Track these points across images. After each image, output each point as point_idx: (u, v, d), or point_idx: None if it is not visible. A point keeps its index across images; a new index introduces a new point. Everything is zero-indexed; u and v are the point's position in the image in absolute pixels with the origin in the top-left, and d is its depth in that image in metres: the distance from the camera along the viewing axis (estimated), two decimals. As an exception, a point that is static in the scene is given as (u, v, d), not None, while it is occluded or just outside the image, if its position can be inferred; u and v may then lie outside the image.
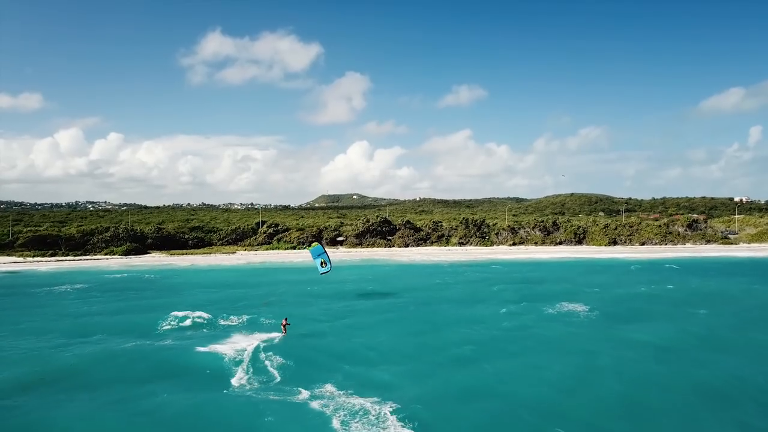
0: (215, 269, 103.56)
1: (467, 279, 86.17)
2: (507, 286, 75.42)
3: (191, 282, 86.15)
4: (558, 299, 63.17)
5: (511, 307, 59.28)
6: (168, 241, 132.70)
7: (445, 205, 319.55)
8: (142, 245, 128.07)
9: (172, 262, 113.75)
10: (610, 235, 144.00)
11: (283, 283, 79.97)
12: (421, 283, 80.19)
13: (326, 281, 78.10)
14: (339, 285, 77.42)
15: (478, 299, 64.62)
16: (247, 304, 62.22)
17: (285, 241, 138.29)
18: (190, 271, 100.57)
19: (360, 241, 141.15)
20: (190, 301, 63.35)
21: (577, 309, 58.11)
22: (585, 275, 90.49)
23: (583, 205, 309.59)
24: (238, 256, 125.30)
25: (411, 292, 69.67)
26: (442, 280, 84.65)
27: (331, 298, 66.37)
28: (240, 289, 76.73)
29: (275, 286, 78.10)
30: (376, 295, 69.02)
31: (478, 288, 74.42)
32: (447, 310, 57.20)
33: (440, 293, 69.30)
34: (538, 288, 73.71)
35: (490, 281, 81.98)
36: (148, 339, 45.06)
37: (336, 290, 73.17)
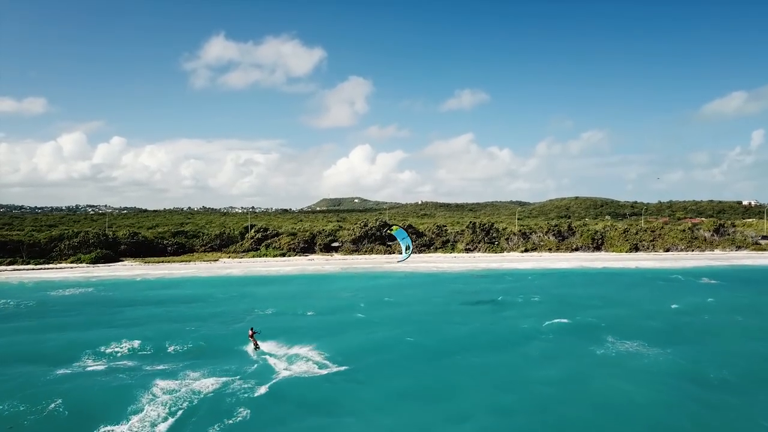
0: (187, 281, 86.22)
1: (481, 297, 68.83)
2: (533, 310, 58.42)
3: (151, 298, 71.18)
4: (605, 331, 47.19)
5: (549, 345, 42.59)
6: (144, 248, 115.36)
7: (448, 209, 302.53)
8: (114, 252, 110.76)
9: (143, 272, 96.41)
10: (630, 241, 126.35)
11: (258, 300, 62.36)
12: (426, 306, 62.82)
13: (310, 301, 61.52)
14: (322, 309, 60.57)
15: (504, 336, 47.60)
16: (203, 333, 47.44)
17: (274, 247, 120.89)
18: (157, 283, 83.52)
19: (357, 247, 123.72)
20: (136, 324, 53.44)
21: (638, 349, 41.57)
22: (622, 290, 73.68)
23: (588, 209, 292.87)
24: (220, 264, 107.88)
25: (414, 324, 52.39)
26: (452, 300, 67.13)
27: (303, 334, 48.37)
28: (206, 307, 60.97)
29: (244, 305, 60.83)
30: (366, 328, 51.73)
31: (499, 314, 57.35)
32: (467, 363, 39.50)
33: (453, 327, 51.81)
34: (572, 312, 56.64)
35: (511, 302, 64.76)
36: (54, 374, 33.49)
37: (312, 323, 56.35)
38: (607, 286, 77.79)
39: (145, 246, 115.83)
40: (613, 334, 46.47)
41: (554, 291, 73.50)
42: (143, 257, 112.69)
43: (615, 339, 45.01)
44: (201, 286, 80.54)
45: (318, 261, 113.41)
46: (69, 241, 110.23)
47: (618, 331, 47.78)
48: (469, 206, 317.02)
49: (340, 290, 74.94)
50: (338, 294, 71.33)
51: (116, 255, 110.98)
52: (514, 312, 57.63)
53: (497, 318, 55.34)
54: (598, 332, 47.53)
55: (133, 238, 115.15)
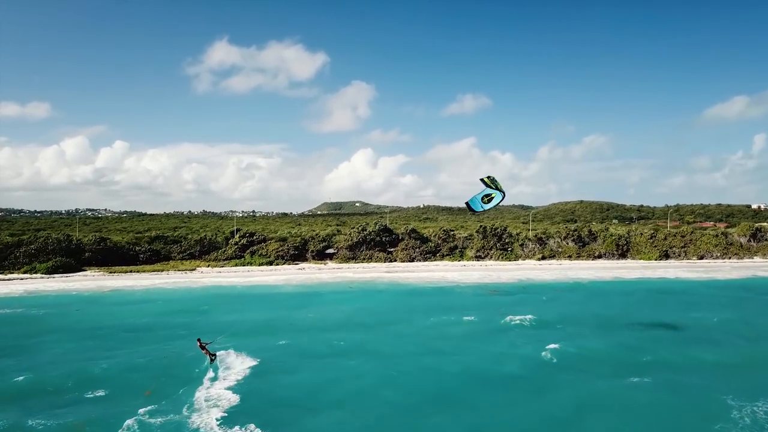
0: (146, 297, 68.91)
1: (506, 323, 51.65)
2: (583, 352, 41.38)
3: (84, 322, 53.24)
4: (719, 389, 29.52)
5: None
6: (113, 255, 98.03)
7: (450, 213, 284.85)
8: (76, 260, 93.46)
9: (99, 284, 79.22)
10: (659, 247, 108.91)
11: (204, 331, 44.85)
12: (438, 342, 45.51)
13: (269, 338, 44.63)
14: (298, 343, 43.30)
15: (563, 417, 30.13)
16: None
17: (260, 254, 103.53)
18: (106, 299, 66.49)
19: (354, 254, 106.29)
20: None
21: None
22: (687, 311, 56.51)
23: (593, 213, 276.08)
24: (197, 274, 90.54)
25: (423, 382, 34.88)
26: (470, 330, 49.92)
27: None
28: (136, 343, 43.05)
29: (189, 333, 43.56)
30: (359, 376, 34.62)
31: (539, 357, 40.04)
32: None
33: (485, 394, 34.39)
34: (651, 354, 39.57)
35: (549, 333, 47.38)
36: None
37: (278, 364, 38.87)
38: (665, 306, 60.78)
39: (114, 253, 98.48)
40: (734, 395, 29.34)
41: (600, 312, 56.43)
42: (111, 266, 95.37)
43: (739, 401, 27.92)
44: (159, 304, 63.37)
45: (309, 270, 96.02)
46: (26, 247, 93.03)
47: (737, 387, 30.61)
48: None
49: (321, 317, 57.56)
50: (318, 323, 53.82)
51: (79, 263, 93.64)
52: (569, 362, 40.15)
53: (542, 359, 37.99)
54: (711, 392, 30.35)
55: (99, 245, 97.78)
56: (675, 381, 34.10)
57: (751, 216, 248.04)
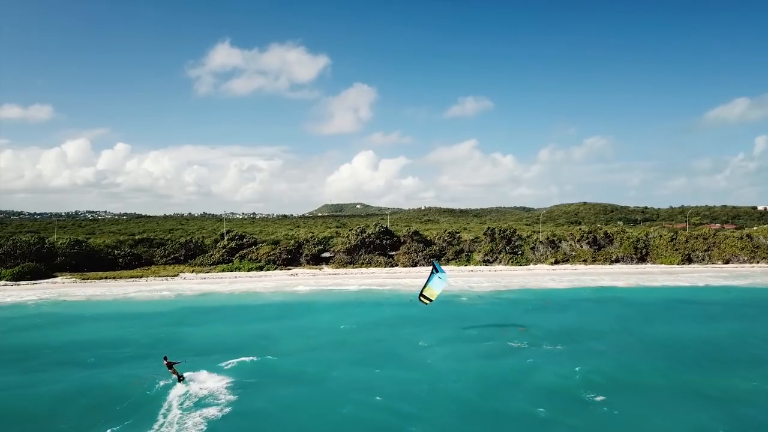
0: (116, 309, 58.68)
1: (530, 345, 41.32)
2: (629, 378, 31.29)
3: (30, 341, 42.84)
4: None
5: None
6: (89, 260, 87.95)
7: (452, 215, 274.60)
8: (47, 265, 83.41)
9: (67, 293, 69.11)
10: (681, 250, 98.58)
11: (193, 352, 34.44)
12: (454, 383, 34.63)
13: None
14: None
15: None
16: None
17: (250, 258, 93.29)
18: (62, 315, 56.01)
19: (352, 258, 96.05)
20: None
21: None
22: (745, 323, 46.16)
23: (597, 214, 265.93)
24: (177, 282, 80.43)
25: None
26: (488, 355, 39.67)
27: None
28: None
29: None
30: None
31: (575, 389, 29.74)
32: None
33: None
34: (705, 388, 29.45)
35: (583, 354, 37.12)
36: None
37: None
38: (709, 319, 50.29)
39: (91, 258, 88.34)
40: None
41: (633, 327, 46.26)
42: (86, 271, 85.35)
43: None
44: (119, 318, 53.27)
45: (302, 276, 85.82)
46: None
47: None
48: (473, 212, 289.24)
49: (308, 336, 47.38)
50: (304, 345, 43.66)
51: (50, 269, 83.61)
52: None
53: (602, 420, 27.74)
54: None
55: (74, 248, 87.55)
56: (753, 418, 24.44)
57: (758, 218, 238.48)
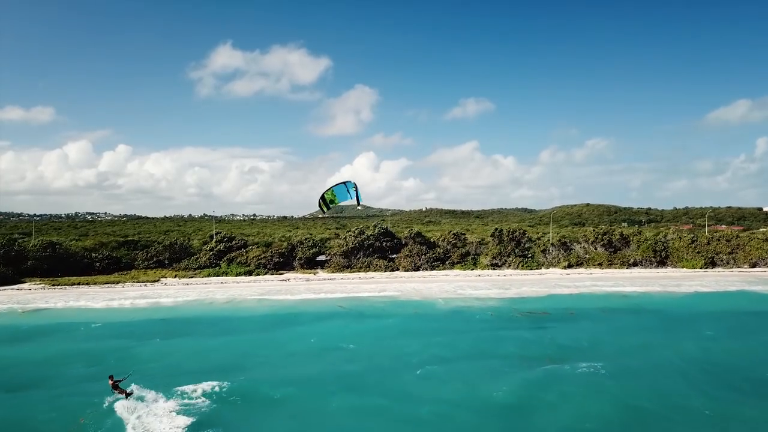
0: (73, 321, 50.02)
1: (566, 373, 32.44)
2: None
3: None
4: None
5: None
6: (63, 264, 79.26)
7: (453, 216, 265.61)
8: (15, 270, 74.69)
9: (25, 302, 60.32)
10: (703, 253, 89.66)
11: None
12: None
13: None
14: None
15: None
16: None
17: (239, 262, 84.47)
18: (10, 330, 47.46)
19: (350, 261, 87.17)
20: None
21: None
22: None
23: (601, 216, 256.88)
24: (156, 288, 71.75)
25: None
26: (515, 391, 30.84)
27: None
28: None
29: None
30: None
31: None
32: None
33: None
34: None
35: (640, 392, 28.11)
36: None
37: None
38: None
39: (64, 261, 79.58)
40: None
41: (690, 348, 37.49)
42: (60, 275, 76.69)
43: None
44: (69, 333, 44.65)
45: (294, 282, 76.99)
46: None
47: None
48: (475, 213, 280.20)
49: (291, 358, 38.67)
50: (285, 370, 35.07)
51: (19, 274, 74.90)
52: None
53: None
54: None
55: (46, 251, 78.76)
56: None
57: (763, 219, 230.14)
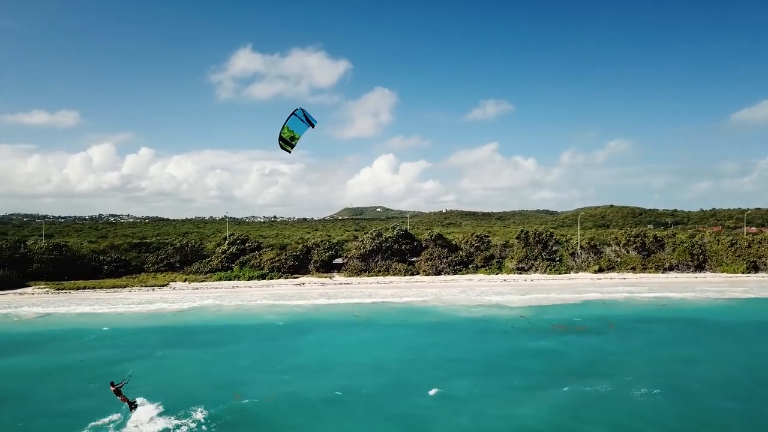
0: (70, 330, 45.89)
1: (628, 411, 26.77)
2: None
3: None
4: None
5: None
6: (70, 267, 75.62)
7: (474, 218, 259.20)
8: (20, 273, 71.19)
9: (21, 307, 56.36)
10: (745, 257, 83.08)
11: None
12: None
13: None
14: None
15: None
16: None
17: (252, 265, 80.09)
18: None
19: (367, 265, 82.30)
20: None
21: None
22: None
23: (625, 218, 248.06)
24: (165, 292, 67.65)
25: None
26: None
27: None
28: None
29: None
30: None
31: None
32: None
33: None
34: None
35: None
36: None
37: None
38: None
39: (71, 264, 75.88)
40: None
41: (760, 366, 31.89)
42: (66, 279, 73.00)
43: None
44: (61, 343, 40.39)
45: (308, 286, 72.36)
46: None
47: None
48: (496, 215, 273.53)
49: (297, 377, 33.82)
50: (289, 394, 30.27)
51: (23, 277, 71.37)
52: None
53: None
54: None
55: (52, 254, 75.12)
56: None
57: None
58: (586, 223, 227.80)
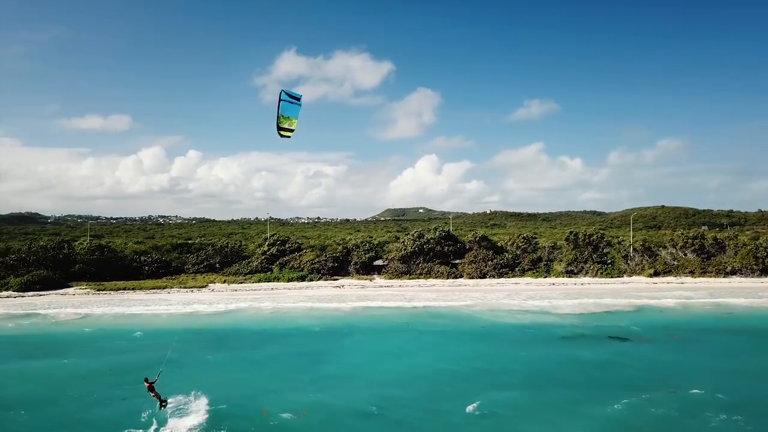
0: (96, 333, 44.91)
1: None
2: None
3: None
4: None
5: None
6: (111, 267, 75.39)
7: (519, 219, 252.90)
8: (63, 273, 71.38)
9: (61, 307, 55.89)
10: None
11: None
12: None
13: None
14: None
15: None
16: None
17: (292, 267, 78.37)
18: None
19: (408, 267, 79.52)
20: None
21: None
22: None
23: (678, 219, 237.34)
24: (204, 294, 66.52)
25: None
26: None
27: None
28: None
29: None
30: None
31: None
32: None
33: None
34: None
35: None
36: None
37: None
38: None
39: (112, 265, 75.68)
40: None
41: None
42: (107, 279, 72.76)
43: None
44: (86, 347, 39.14)
45: (348, 288, 70.09)
46: (2, 258, 71.60)
47: None
48: (542, 216, 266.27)
49: (314, 399, 31.34)
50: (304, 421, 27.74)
51: (66, 278, 71.45)
52: None
53: None
54: None
55: (94, 254, 75.08)
56: None
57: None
58: (636, 224, 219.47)
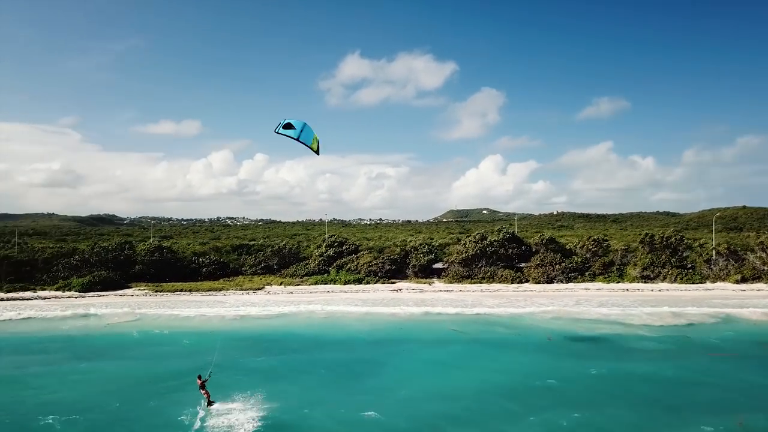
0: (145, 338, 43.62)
1: None
2: None
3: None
4: None
5: None
6: (170, 268, 75.15)
7: (588, 220, 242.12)
8: (123, 274, 71.62)
9: (118, 308, 55.34)
10: None
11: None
12: None
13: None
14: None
15: None
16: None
17: (349, 269, 75.83)
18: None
19: (470, 271, 75.37)
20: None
21: None
22: None
23: (762, 220, 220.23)
24: (257, 297, 64.95)
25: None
26: None
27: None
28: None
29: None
30: None
31: None
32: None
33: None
34: None
35: None
36: None
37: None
38: None
39: (171, 266, 75.40)
40: None
41: None
42: (166, 281, 72.51)
43: None
44: (125, 352, 37.60)
45: (406, 292, 66.76)
46: (67, 259, 72.52)
47: None
48: (611, 217, 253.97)
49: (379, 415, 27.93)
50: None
51: (126, 278, 71.63)
52: None
53: None
54: None
55: (153, 255, 75.00)
56: None
57: None
58: (717, 224, 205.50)
